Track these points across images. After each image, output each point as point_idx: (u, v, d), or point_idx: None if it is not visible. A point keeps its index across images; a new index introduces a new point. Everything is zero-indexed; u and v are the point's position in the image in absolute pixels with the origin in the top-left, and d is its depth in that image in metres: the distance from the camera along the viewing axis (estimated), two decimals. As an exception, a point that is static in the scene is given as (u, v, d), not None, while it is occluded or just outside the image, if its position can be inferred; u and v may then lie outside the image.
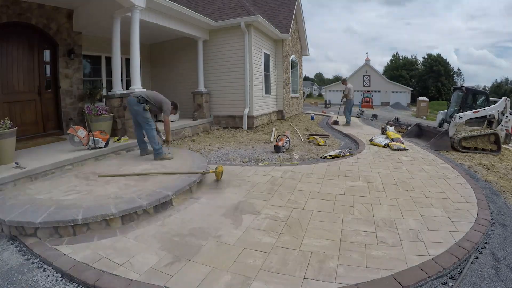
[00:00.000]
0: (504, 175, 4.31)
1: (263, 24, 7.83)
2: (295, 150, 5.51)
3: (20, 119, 5.06)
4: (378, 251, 2.06)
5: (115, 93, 5.37)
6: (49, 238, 2.30)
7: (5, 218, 2.34)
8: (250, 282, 1.76)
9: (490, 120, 6.91)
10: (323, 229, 2.39)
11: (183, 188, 3.03)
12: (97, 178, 3.37)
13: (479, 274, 1.88)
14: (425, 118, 19.65)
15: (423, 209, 2.77)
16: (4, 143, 3.48)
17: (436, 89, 42.80)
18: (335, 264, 1.93)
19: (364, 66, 34.43)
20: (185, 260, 1.99)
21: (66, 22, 5.80)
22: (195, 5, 9.23)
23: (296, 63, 11.96)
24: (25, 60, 5.30)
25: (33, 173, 3.35)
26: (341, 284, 1.73)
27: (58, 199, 2.73)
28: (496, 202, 3.06)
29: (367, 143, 6.18)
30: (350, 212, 2.72)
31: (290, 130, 7.86)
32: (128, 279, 1.80)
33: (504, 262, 2.01)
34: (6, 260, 2.09)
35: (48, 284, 1.84)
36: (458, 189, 3.31)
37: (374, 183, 3.57)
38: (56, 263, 1.98)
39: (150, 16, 5.86)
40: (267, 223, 2.52)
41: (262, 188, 3.39)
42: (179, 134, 6.80)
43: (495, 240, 2.28)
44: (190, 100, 8.31)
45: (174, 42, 8.46)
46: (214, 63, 8.07)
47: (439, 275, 1.83)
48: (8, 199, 2.75)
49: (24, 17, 5.10)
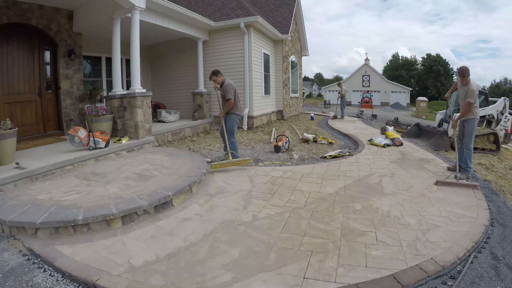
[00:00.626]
0: (504, 175, 4.31)
1: (263, 24, 7.85)
2: (295, 150, 5.51)
3: (20, 120, 5.07)
4: (378, 251, 2.06)
5: (116, 94, 5.38)
6: (50, 238, 2.31)
7: (6, 219, 2.35)
8: (250, 281, 1.76)
9: (490, 120, 6.92)
10: (322, 229, 2.40)
11: (183, 188, 3.04)
12: (98, 179, 3.38)
13: (479, 273, 1.89)
14: (424, 118, 19.68)
15: (422, 208, 2.77)
16: (5, 143, 3.49)
17: (435, 89, 42.84)
18: (335, 263, 1.93)
19: (364, 66, 34.45)
20: (186, 260, 1.99)
21: (66, 23, 5.82)
22: (195, 5, 9.24)
23: (296, 63, 11.97)
24: (25, 61, 5.31)
25: (33, 173, 3.36)
26: (341, 284, 1.73)
27: (59, 199, 2.74)
28: (495, 202, 3.07)
29: (366, 143, 6.19)
30: (350, 211, 2.73)
31: (290, 130, 7.87)
32: (129, 279, 1.81)
33: (503, 261, 2.02)
34: (7, 261, 2.10)
35: (49, 284, 1.85)
36: (457, 189, 3.32)
37: (373, 182, 3.57)
38: (57, 263, 1.99)
39: (150, 17, 5.87)
40: (267, 223, 2.52)
41: (262, 188, 3.40)
42: (179, 135, 6.81)
43: (494, 239, 2.29)
44: (190, 100, 8.32)
45: (174, 43, 8.47)
46: (214, 63, 8.08)
47: (438, 274, 1.84)
48: (9, 200, 2.76)
49: (24, 18, 5.11)
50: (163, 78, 9.19)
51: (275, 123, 9.09)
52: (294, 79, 11.69)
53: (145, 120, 5.33)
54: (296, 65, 12.06)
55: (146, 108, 5.36)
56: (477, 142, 6.21)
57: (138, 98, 5.17)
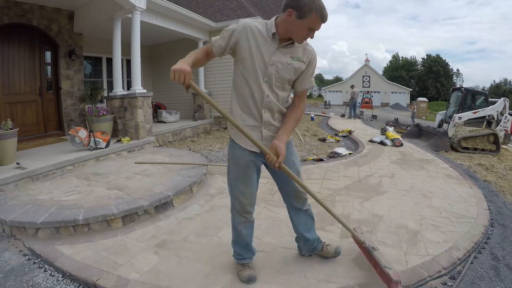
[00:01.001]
0: (503, 175, 4.32)
1: (263, 25, 7.86)
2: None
3: (21, 120, 5.08)
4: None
5: (116, 94, 5.39)
6: (50, 238, 2.31)
7: (7, 218, 2.35)
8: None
9: (489, 120, 6.92)
10: (321, 229, 2.40)
11: (183, 189, 3.04)
12: (98, 179, 3.38)
13: (479, 274, 1.89)
14: (424, 118, 19.73)
15: (422, 209, 2.77)
16: (6, 143, 3.49)
17: (435, 90, 42.95)
18: (335, 263, 1.93)
19: (364, 67, 34.52)
20: (186, 260, 2.00)
21: (67, 23, 5.83)
22: (196, 6, 9.27)
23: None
24: (26, 61, 5.32)
25: (34, 173, 3.37)
26: (341, 284, 1.74)
27: (59, 199, 2.75)
28: (495, 202, 3.07)
29: (366, 144, 6.20)
30: (349, 211, 2.73)
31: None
32: (129, 279, 1.81)
33: (503, 261, 2.02)
34: (8, 260, 2.10)
35: (49, 284, 1.85)
36: (457, 189, 3.32)
37: (373, 183, 3.58)
38: (57, 263, 1.99)
39: (150, 18, 5.88)
40: (267, 223, 2.52)
41: (262, 188, 3.40)
42: (179, 135, 6.82)
43: (494, 240, 2.29)
44: (190, 101, 8.33)
45: (175, 43, 8.49)
46: (215, 64, 8.09)
47: (438, 275, 1.83)
48: (10, 200, 2.76)
49: (25, 19, 5.13)
50: (163, 79, 9.20)
51: (275, 124, 9.10)
52: (294, 80, 11.70)
53: (146, 121, 5.34)
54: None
55: (146, 109, 5.37)
56: (477, 142, 6.22)
57: (138, 99, 5.18)
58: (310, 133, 7.77)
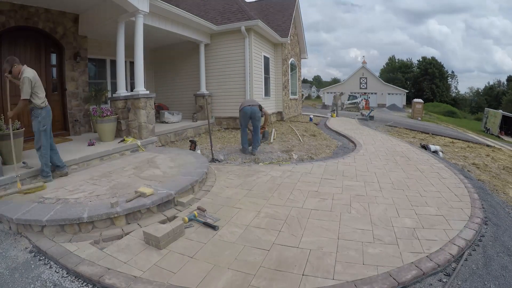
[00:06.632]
0: (497, 175, 4.38)
1: (263, 28, 7.95)
2: (294, 151, 5.57)
3: (27, 121, 5.16)
4: (375, 249, 2.11)
5: (120, 95, 5.48)
6: (56, 235, 2.37)
7: (13, 216, 2.41)
8: (250, 279, 1.81)
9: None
10: (321, 227, 2.45)
11: (185, 187, 3.10)
12: (102, 178, 3.45)
13: (472, 270, 1.93)
14: (420, 119, 19.77)
15: (418, 207, 2.81)
16: (13, 143, 3.56)
17: (430, 91, 43.16)
18: (333, 261, 1.98)
19: (361, 69, 34.77)
20: (188, 258, 2.05)
21: (72, 26, 5.94)
22: (197, 9, 9.37)
23: (295, 66, 12.07)
24: (32, 63, 5.41)
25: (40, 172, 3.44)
26: (339, 281, 1.78)
27: (64, 197, 2.81)
28: (489, 201, 3.11)
29: (364, 144, 6.25)
30: (348, 210, 2.78)
31: (289, 131, 7.94)
32: (132, 276, 1.86)
33: (496, 259, 2.06)
34: (14, 257, 2.16)
35: (55, 280, 1.90)
36: (452, 188, 3.36)
37: (371, 182, 3.62)
38: (62, 260, 2.04)
39: (153, 21, 5.98)
40: (266, 222, 2.58)
41: (262, 188, 3.46)
42: (181, 135, 6.90)
43: (488, 238, 2.33)
44: (192, 102, 8.42)
45: (177, 46, 8.59)
46: (216, 66, 8.19)
47: (434, 271, 1.87)
48: (16, 198, 2.83)
49: (31, 22, 5.23)
50: (166, 80, 9.31)
51: (275, 124, 9.16)
52: (293, 81, 11.79)
53: (149, 121, 5.42)
54: (295, 67, 12.15)
55: (149, 109, 5.45)
56: None
57: (141, 100, 5.26)
58: (309, 133, 7.82)
